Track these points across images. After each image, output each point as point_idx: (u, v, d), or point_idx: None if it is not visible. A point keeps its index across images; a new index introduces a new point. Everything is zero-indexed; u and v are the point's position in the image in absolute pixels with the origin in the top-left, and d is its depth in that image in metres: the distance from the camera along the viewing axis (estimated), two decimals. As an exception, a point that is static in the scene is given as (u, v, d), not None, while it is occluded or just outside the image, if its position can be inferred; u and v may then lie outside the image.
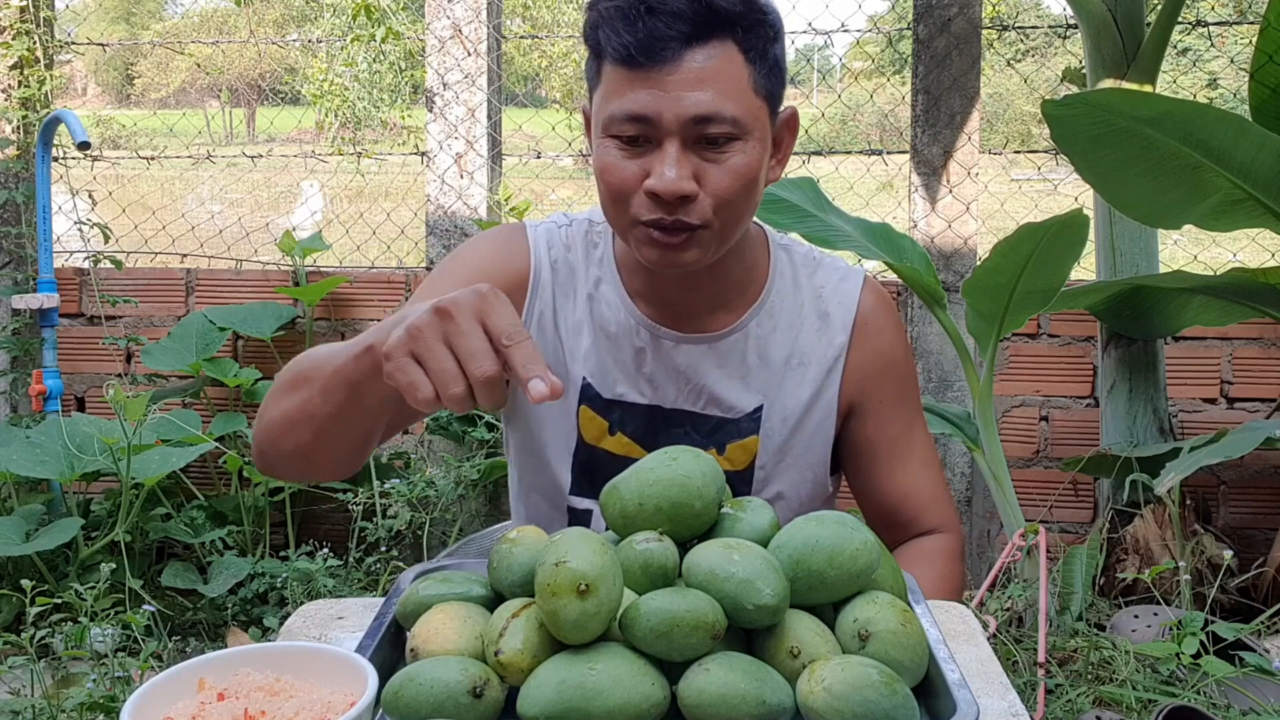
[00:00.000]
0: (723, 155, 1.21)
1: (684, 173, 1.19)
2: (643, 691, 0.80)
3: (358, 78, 8.83)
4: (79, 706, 2.07)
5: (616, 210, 1.26)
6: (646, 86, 1.19)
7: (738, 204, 1.24)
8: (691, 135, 1.20)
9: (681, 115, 1.18)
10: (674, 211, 1.21)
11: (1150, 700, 2.06)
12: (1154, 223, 2.65)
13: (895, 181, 3.86)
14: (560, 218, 1.46)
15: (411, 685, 0.81)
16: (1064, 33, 3.65)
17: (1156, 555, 2.69)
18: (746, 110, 1.21)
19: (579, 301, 1.40)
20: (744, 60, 1.21)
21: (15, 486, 3.06)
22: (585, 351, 1.39)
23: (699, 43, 1.19)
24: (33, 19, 3.52)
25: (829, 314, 1.41)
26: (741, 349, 1.38)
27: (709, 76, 1.19)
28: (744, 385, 1.38)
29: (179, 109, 15.23)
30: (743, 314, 1.39)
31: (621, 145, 1.22)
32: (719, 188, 1.21)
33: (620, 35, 1.19)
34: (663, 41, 1.18)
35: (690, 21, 1.18)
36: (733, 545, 0.88)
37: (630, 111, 1.20)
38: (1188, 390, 3.17)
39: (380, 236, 3.90)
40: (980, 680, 0.94)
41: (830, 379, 1.39)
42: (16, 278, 3.45)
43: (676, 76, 1.18)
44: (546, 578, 0.81)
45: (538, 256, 1.41)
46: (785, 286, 1.41)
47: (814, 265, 1.44)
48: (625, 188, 1.23)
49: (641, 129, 1.20)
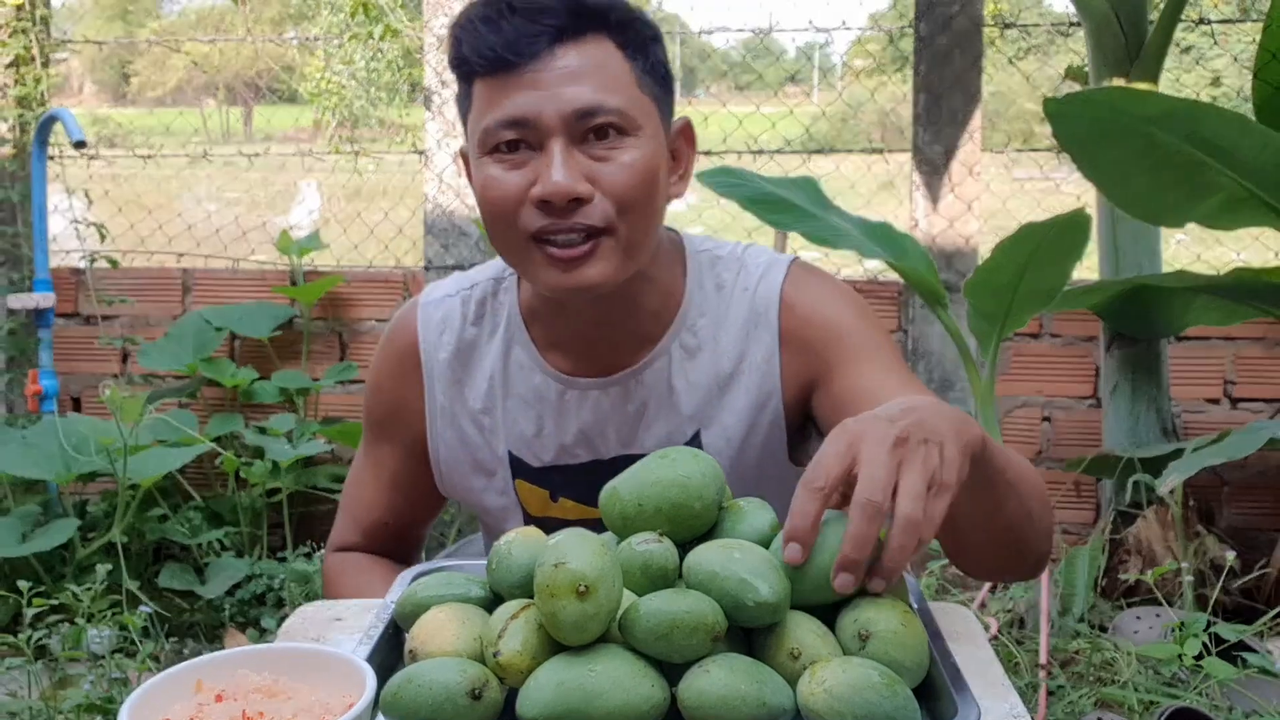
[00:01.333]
0: (613, 151, 1.13)
1: (573, 173, 1.11)
2: (642, 693, 0.79)
3: (355, 76, 8.83)
4: (76, 708, 2.07)
5: (505, 231, 1.16)
6: (521, 88, 1.12)
7: (639, 204, 1.15)
8: (576, 132, 1.12)
9: (562, 110, 1.11)
10: (568, 215, 1.12)
11: (1152, 702, 2.06)
12: (1156, 221, 2.64)
13: (896, 180, 3.86)
14: (463, 280, 1.36)
15: (410, 687, 0.80)
16: (1066, 30, 3.64)
17: (1159, 556, 2.69)
18: (632, 105, 1.14)
19: (485, 375, 1.31)
20: (622, 56, 1.15)
21: (11, 487, 3.05)
22: (503, 425, 1.31)
23: (570, 38, 1.13)
24: (29, 17, 3.51)
25: (754, 313, 1.28)
26: (666, 376, 1.27)
27: (587, 70, 1.13)
28: (676, 414, 1.28)
29: (175, 107, 15.23)
30: (661, 337, 1.28)
31: (501, 158, 1.15)
32: (615, 185, 1.13)
33: (485, 39, 1.13)
34: (531, 38, 1.12)
35: (558, 15, 1.12)
36: (733, 545, 0.87)
37: (506, 117, 1.13)
38: (1191, 390, 3.17)
39: (378, 236, 3.89)
40: (982, 682, 0.93)
41: (768, 381, 1.27)
42: (12, 277, 3.45)
43: (551, 73, 1.12)
44: (546, 579, 0.80)
45: (427, 346, 1.33)
46: (707, 297, 1.29)
47: (738, 267, 1.31)
48: (509, 202, 1.14)
49: (521, 133, 1.13)
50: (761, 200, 2.61)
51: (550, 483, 1.31)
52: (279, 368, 3.37)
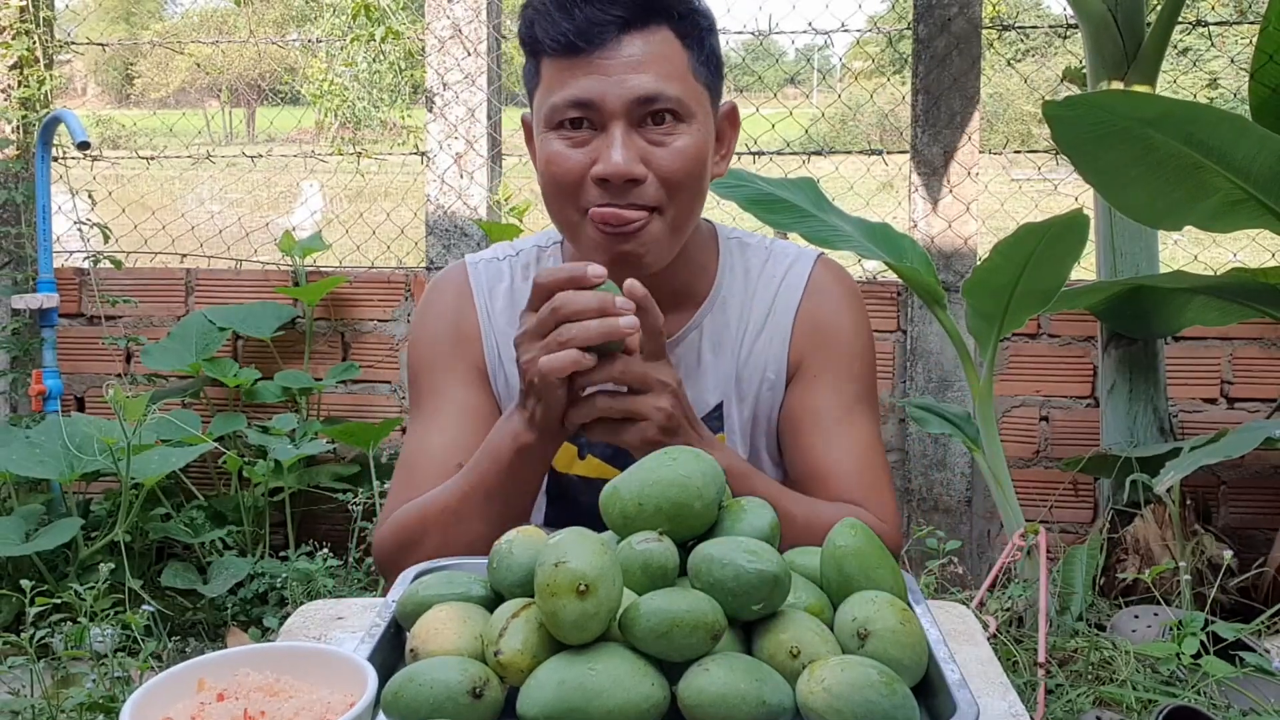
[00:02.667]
0: (668, 137, 1.21)
1: (631, 155, 1.19)
2: (642, 691, 0.80)
3: (357, 78, 8.84)
4: (78, 707, 2.07)
5: (562, 204, 1.25)
6: (588, 72, 1.20)
7: (688, 187, 1.24)
8: (636, 117, 1.20)
9: (625, 96, 1.19)
10: (623, 195, 1.21)
11: (1150, 700, 2.06)
12: (1155, 223, 2.65)
13: (895, 181, 3.85)
14: (506, 248, 1.45)
15: (411, 685, 0.80)
16: (1064, 33, 3.65)
17: (1157, 555, 2.69)
18: (688, 93, 1.22)
19: None
20: (681, 46, 1.23)
21: (15, 486, 3.06)
22: None
23: (636, 28, 1.20)
24: (32, 19, 3.52)
25: (778, 300, 1.39)
26: (697, 348, 1.37)
27: (649, 60, 1.20)
28: (703, 385, 1.37)
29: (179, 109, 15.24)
30: (694, 312, 1.38)
31: (565, 135, 1.22)
32: (667, 169, 1.21)
33: (558, 25, 1.20)
34: (601, 26, 1.19)
35: (626, 7, 1.19)
36: (733, 538, 0.89)
37: (573, 98, 1.20)
38: (1188, 390, 3.17)
39: (380, 236, 3.90)
40: (980, 680, 0.93)
41: (776, 363, 1.38)
42: (16, 278, 3.45)
43: (617, 60, 1.19)
44: (546, 578, 0.81)
45: (481, 298, 1.40)
46: (736, 280, 1.40)
47: (766, 254, 1.42)
48: (571, 178, 1.22)
49: (585, 113, 1.21)
50: (761, 201, 2.62)
51: (578, 439, 1.36)
52: (281, 368, 3.38)
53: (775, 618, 0.87)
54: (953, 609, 1.11)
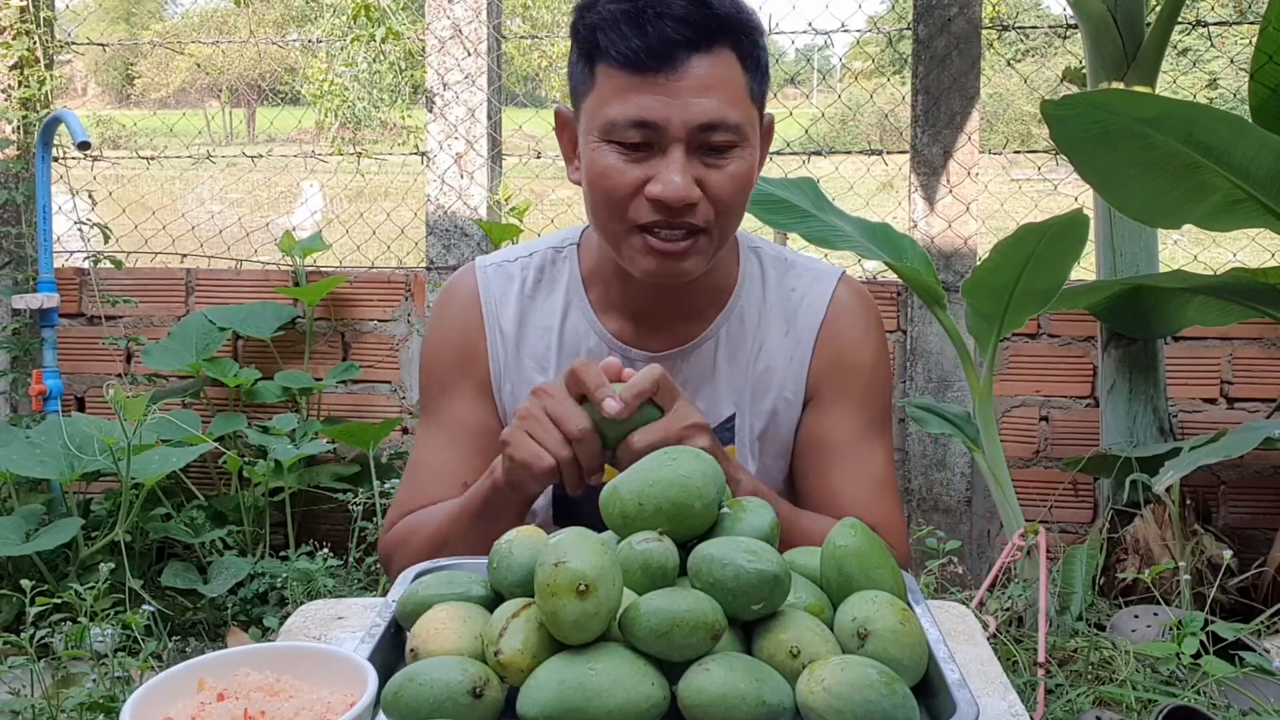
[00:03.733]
0: (724, 161, 1.21)
1: (689, 180, 1.19)
2: (642, 691, 0.80)
3: (358, 78, 8.84)
4: (79, 706, 2.07)
5: (611, 216, 1.24)
6: (653, 92, 1.18)
7: (735, 209, 1.24)
8: (696, 141, 1.19)
9: (689, 122, 1.18)
10: (679, 215, 1.20)
11: (1150, 700, 2.06)
12: (1154, 223, 2.65)
13: (895, 181, 3.86)
14: (520, 249, 1.44)
15: (411, 685, 0.81)
16: (1064, 33, 3.65)
17: (1156, 555, 2.69)
18: (746, 117, 1.22)
19: (541, 335, 1.39)
20: (741, 68, 1.21)
21: (15, 486, 3.06)
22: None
23: (703, 49, 1.18)
24: (33, 19, 3.52)
25: (797, 316, 1.38)
26: (712, 356, 1.37)
27: (714, 83, 1.18)
28: (717, 393, 1.37)
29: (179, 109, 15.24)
30: (712, 321, 1.37)
31: (622, 150, 1.20)
32: (720, 193, 1.21)
33: (627, 39, 1.17)
34: (672, 47, 1.17)
35: (696, 28, 1.17)
36: (733, 538, 0.89)
37: (635, 117, 1.18)
38: (1188, 390, 3.17)
39: (380, 236, 3.90)
40: (980, 680, 0.94)
41: (794, 384, 1.37)
42: (16, 278, 3.45)
43: (684, 83, 1.17)
44: (546, 578, 0.81)
45: (490, 307, 1.40)
46: (754, 290, 1.39)
47: (785, 267, 1.41)
48: (623, 192, 1.21)
49: (647, 135, 1.19)
50: (762, 201, 2.62)
51: None
52: (282, 368, 3.38)
53: (775, 618, 0.87)
54: (953, 609, 1.11)
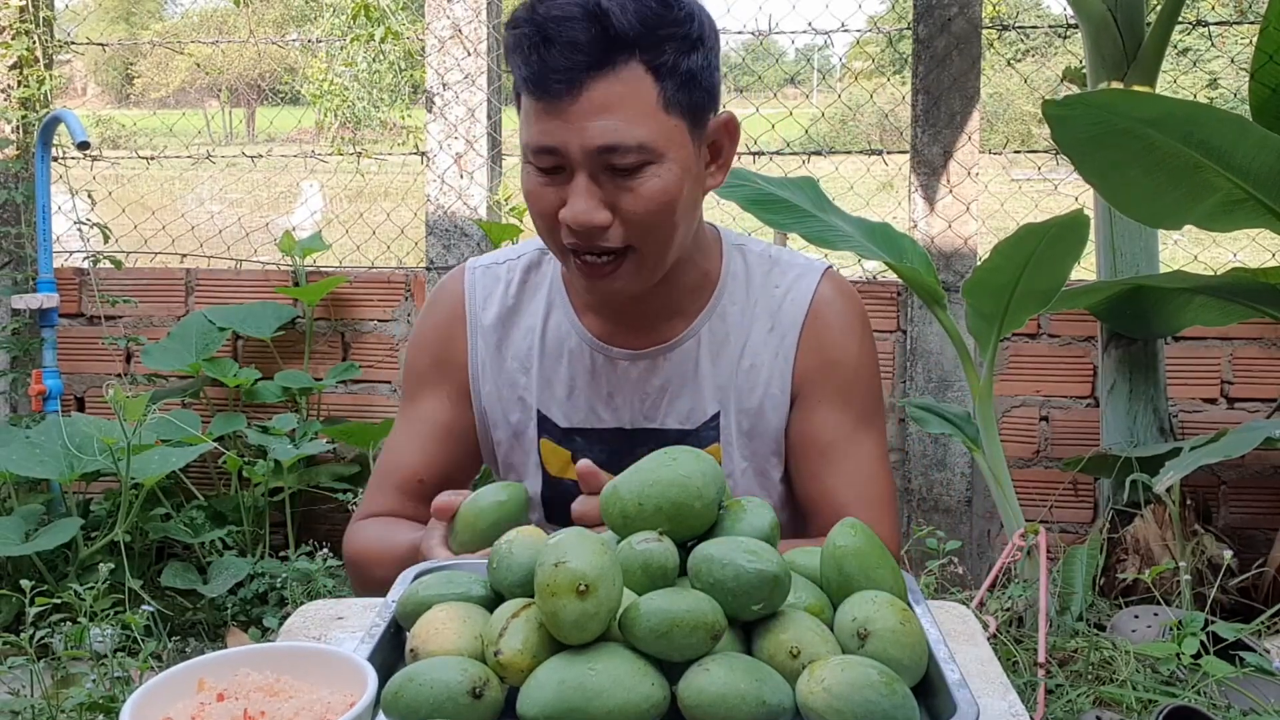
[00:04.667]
0: (635, 181, 1.18)
1: (593, 204, 1.18)
2: (642, 691, 0.80)
3: (357, 78, 8.84)
4: (78, 707, 2.07)
5: (546, 237, 1.26)
6: (551, 117, 1.17)
7: (657, 227, 1.21)
8: (599, 164, 1.17)
9: (585, 146, 1.16)
10: (590, 239, 1.20)
11: (1151, 700, 2.06)
12: (1155, 223, 2.65)
13: (895, 181, 3.86)
14: (510, 251, 1.46)
15: (411, 685, 0.80)
16: (1064, 33, 3.65)
17: (1157, 555, 2.69)
18: (656, 132, 1.18)
19: (524, 335, 1.40)
20: (652, 80, 1.17)
21: (15, 486, 3.06)
22: (536, 384, 1.39)
23: (599, 70, 1.15)
24: (32, 19, 3.52)
25: (781, 312, 1.37)
26: (695, 355, 1.36)
27: (612, 104, 1.16)
28: (700, 392, 1.36)
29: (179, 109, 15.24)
30: (694, 319, 1.37)
31: (540, 174, 1.21)
32: (634, 214, 1.19)
33: (527, 65, 1.17)
34: (560, 73, 1.15)
35: (587, 50, 1.15)
36: (733, 538, 0.89)
37: (539, 143, 1.19)
38: (1188, 390, 3.17)
39: (380, 236, 3.90)
40: (980, 680, 0.93)
41: (780, 380, 1.36)
42: (16, 278, 3.45)
43: (577, 107, 1.15)
44: (546, 578, 0.81)
45: (473, 309, 1.42)
46: (738, 288, 1.38)
47: (769, 264, 1.40)
48: (548, 215, 1.22)
49: (553, 159, 1.19)
50: (762, 201, 2.62)
51: (573, 444, 1.38)
52: (281, 368, 3.38)
53: (775, 618, 0.87)
54: (953, 609, 1.11)
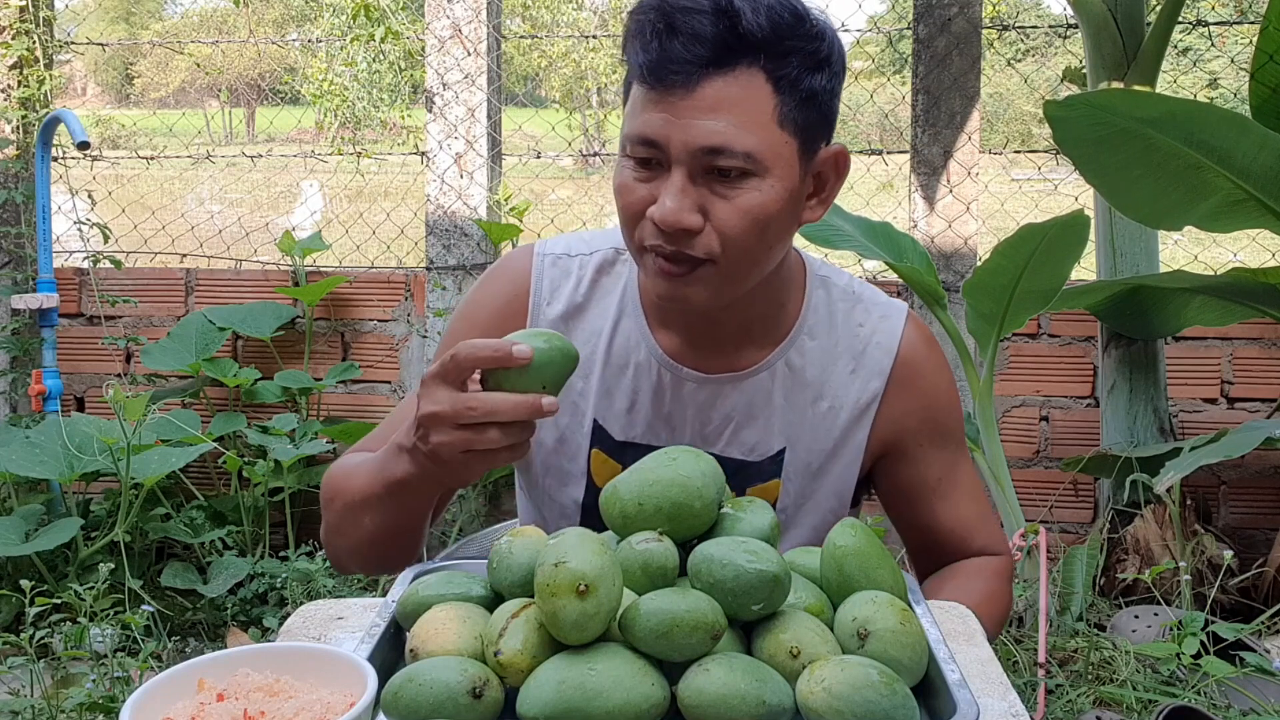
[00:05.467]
0: (734, 191, 1.13)
1: (685, 204, 1.12)
2: (642, 692, 0.80)
3: (357, 78, 8.85)
4: (78, 707, 2.07)
5: (628, 233, 1.20)
6: (659, 109, 1.12)
7: (746, 244, 1.15)
8: (701, 166, 1.12)
9: (690, 144, 1.11)
10: (675, 242, 1.14)
11: (1151, 700, 2.06)
12: (1155, 224, 2.65)
13: (895, 181, 3.86)
14: (580, 243, 1.37)
15: (411, 685, 0.80)
16: (1064, 32, 3.65)
17: (1157, 555, 2.69)
18: (766, 144, 1.12)
19: (589, 338, 1.33)
20: (771, 89, 1.12)
21: (15, 486, 3.06)
22: (596, 392, 1.32)
23: (719, 68, 1.10)
24: (32, 19, 3.52)
25: (865, 355, 1.31)
26: (768, 388, 1.30)
27: (725, 105, 1.10)
28: (768, 427, 1.30)
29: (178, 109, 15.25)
30: (771, 351, 1.30)
31: (636, 166, 1.16)
32: (725, 225, 1.13)
33: (639, 53, 1.12)
34: (678, 65, 1.10)
35: (711, 45, 1.10)
36: (733, 538, 0.89)
37: (642, 134, 1.13)
38: (1188, 390, 3.17)
39: (380, 236, 3.90)
40: (980, 680, 0.93)
41: (860, 425, 1.31)
42: (16, 278, 3.45)
43: (689, 102, 1.10)
44: (546, 578, 0.81)
45: (537, 294, 1.34)
46: (819, 323, 1.32)
47: (853, 301, 1.34)
48: (634, 210, 1.16)
49: (652, 153, 1.13)
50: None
51: (625, 458, 1.29)
52: (281, 368, 3.38)
53: (775, 618, 0.87)
54: (953, 609, 1.10)
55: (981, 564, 1.37)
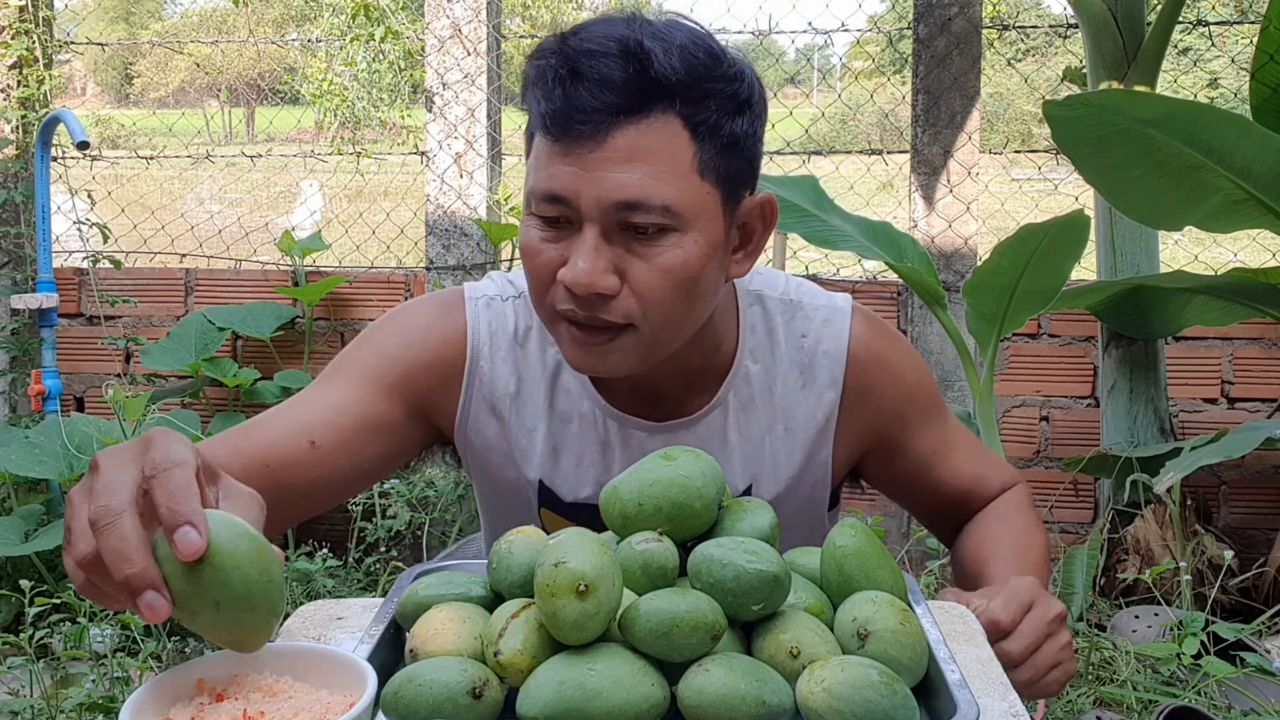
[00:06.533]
0: (653, 249, 1.04)
1: (600, 265, 1.03)
2: (642, 692, 0.79)
3: (357, 77, 8.85)
4: (78, 707, 2.07)
5: (537, 298, 1.10)
6: (567, 163, 1.03)
7: (669, 307, 1.06)
8: (615, 222, 1.03)
9: (602, 199, 1.02)
10: (590, 307, 1.05)
11: (1151, 701, 2.07)
12: (1156, 224, 2.65)
13: (895, 181, 3.86)
14: (508, 286, 1.26)
15: (411, 686, 0.80)
16: (1064, 32, 3.65)
17: (1157, 555, 2.69)
18: (686, 197, 1.03)
19: (531, 392, 1.23)
20: (689, 137, 1.03)
21: (14, 486, 3.06)
22: (540, 450, 1.23)
23: (630, 115, 1.02)
24: (32, 18, 3.52)
25: (813, 367, 1.23)
26: (721, 427, 1.22)
27: (639, 155, 1.02)
28: (730, 466, 1.23)
29: (178, 109, 15.25)
30: (718, 389, 1.22)
31: (543, 225, 1.06)
32: (644, 287, 1.05)
33: (541, 102, 1.04)
34: (585, 113, 1.01)
35: (621, 90, 1.01)
36: (733, 538, 0.89)
37: (549, 189, 1.04)
38: (1188, 390, 3.17)
39: (380, 236, 3.90)
40: (980, 680, 0.93)
41: (822, 441, 1.24)
42: (16, 278, 3.45)
43: (600, 154, 1.01)
44: (546, 578, 0.80)
45: (476, 340, 1.23)
46: (759, 345, 1.24)
47: (791, 311, 1.25)
48: (543, 274, 1.07)
49: (560, 210, 1.04)
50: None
51: (579, 519, 1.20)
52: (281, 368, 3.38)
53: (775, 618, 0.87)
54: (953, 609, 1.10)
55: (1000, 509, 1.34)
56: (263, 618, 0.73)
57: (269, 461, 1.14)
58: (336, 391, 1.20)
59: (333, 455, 1.17)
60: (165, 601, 0.69)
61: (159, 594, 0.69)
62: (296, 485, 1.15)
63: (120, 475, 0.71)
